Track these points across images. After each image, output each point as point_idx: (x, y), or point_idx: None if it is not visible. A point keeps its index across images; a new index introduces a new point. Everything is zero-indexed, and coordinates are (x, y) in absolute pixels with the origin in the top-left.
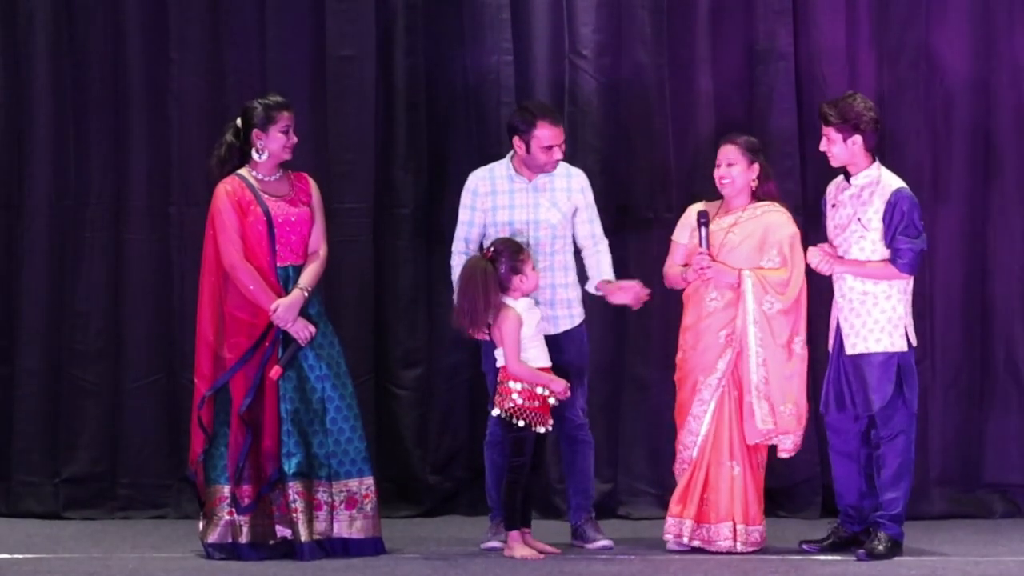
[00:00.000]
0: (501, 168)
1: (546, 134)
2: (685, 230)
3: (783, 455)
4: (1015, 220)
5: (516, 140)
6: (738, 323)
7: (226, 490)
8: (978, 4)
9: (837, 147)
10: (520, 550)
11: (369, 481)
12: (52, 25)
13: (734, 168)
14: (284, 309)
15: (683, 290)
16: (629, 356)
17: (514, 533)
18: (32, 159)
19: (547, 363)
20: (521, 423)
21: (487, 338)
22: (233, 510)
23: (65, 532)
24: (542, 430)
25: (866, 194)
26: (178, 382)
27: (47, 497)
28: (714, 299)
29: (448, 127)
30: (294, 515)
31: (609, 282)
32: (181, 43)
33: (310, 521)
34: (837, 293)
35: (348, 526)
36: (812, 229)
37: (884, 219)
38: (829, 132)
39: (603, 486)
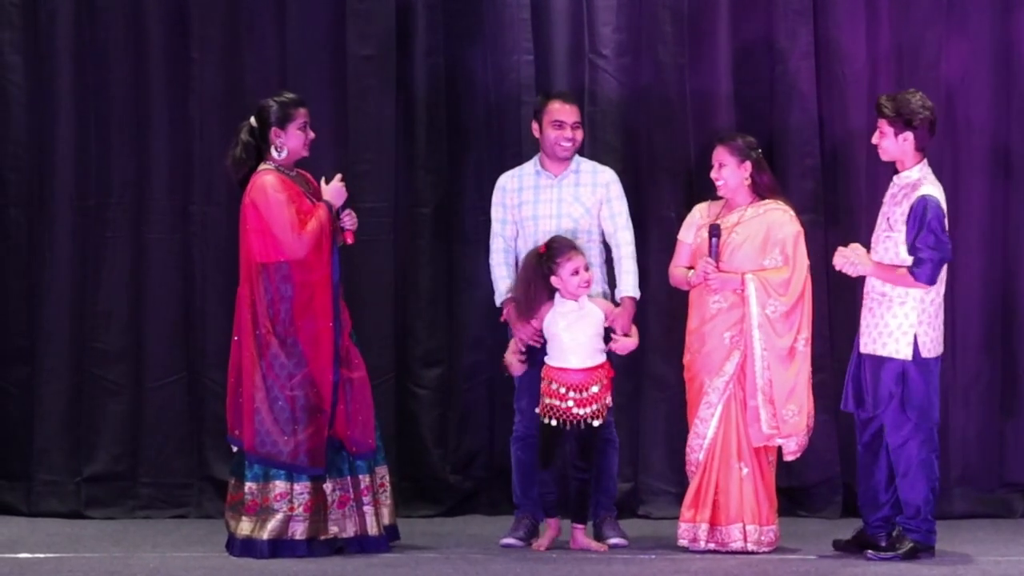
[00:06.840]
0: (529, 166)
1: (555, 107)
2: (690, 230)
3: (788, 457)
4: None
5: (534, 125)
6: (744, 326)
7: (283, 486)
8: (998, 4)
9: (888, 141)
10: (541, 540)
11: (385, 470)
12: (74, 25)
13: (725, 169)
14: (333, 193)
15: (688, 291)
16: (649, 355)
17: (551, 521)
18: (54, 159)
19: (584, 364)
20: (545, 420)
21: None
22: (293, 506)
23: (86, 531)
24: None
25: (900, 195)
26: (199, 381)
27: (68, 496)
28: (717, 301)
29: (468, 126)
30: (367, 506)
31: (619, 306)
32: (202, 43)
33: (376, 512)
34: (864, 290)
35: (386, 514)
36: (831, 227)
37: (907, 222)
38: (882, 125)
39: (623, 485)
